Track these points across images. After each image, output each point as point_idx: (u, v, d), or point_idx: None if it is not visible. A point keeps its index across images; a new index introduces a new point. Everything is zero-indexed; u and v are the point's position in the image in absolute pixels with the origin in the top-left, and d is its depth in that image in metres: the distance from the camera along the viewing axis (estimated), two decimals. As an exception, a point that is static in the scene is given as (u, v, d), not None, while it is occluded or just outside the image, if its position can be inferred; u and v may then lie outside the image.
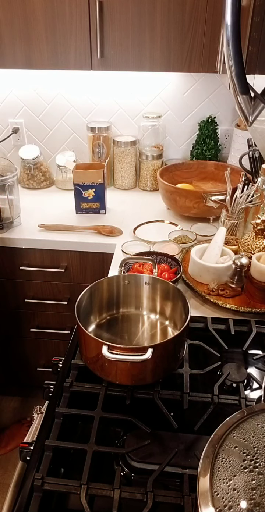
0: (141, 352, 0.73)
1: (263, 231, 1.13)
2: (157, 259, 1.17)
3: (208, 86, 1.77)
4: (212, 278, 1.12)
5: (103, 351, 0.73)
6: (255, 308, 1.05)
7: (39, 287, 1.62)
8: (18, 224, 1.55)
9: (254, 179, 1.41)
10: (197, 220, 1.49)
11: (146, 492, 0.62)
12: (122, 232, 1.50)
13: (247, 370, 0.86)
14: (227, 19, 0.59)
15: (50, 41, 1.46)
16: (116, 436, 0.76)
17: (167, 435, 0.74)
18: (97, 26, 1.40)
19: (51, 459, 0.68)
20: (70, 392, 0.80)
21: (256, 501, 0.43)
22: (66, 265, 1.54)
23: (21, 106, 1.88)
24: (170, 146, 1.92)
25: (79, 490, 0.62)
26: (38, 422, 0.92)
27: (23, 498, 0.63)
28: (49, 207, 1.71)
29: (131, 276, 0.96)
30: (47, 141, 1.96)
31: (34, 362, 1.83)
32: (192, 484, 0.64)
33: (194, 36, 1.41)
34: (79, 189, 1.57)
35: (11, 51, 1.49)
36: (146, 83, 1.79)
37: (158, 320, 0.96)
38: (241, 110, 0.68)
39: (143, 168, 1.85)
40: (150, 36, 1.42)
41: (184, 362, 0.85)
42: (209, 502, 0.43)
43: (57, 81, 1.81)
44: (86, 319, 0.90)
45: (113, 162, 1.88)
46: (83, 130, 1.89)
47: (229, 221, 1.27)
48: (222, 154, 1.89)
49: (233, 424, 0.51)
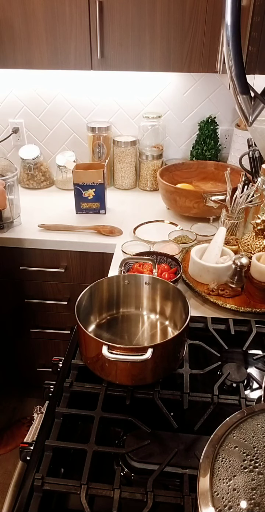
0: (141, 352, 0.73)
1: (263, 231, 1.13)
2: (157, 259, 1.17)
3: (208, 86, 1.77)
4: (212, 278, 1.12)
5: (103, 351, 0.73)
6: (255, 308, 1.05)
7: (39, 287, 1.62)
8: (18, 224, 1.55)
9: (254, 179, 1.42)
10: (197, 220, 1.49)
11: (146, 492, 0.62)
12: (122, 232, 1.50)
13: (247, 370, 0.86)
14: (227, 19, 0.59)
15: (50, 41, 1.46)
16: (116, 436, 0.76)
17: (167, 435, 0.74)
18: (97, 26, 1.40)
19: (51, 459, 0.68)
20: (70, 392, 0.80)
21: (256, 501, 0.43)
22: (66, 265, 1.54)
23: (21, 106, 1.88)
24: (170, 146, 1.92)
25: (79, 490, 0.62)
26: (38, 422, 0.92)
27: (23, 498, 0.63)
28: (49, 207, 1.71)
29: (131, 276, 0.96)
30: (47, 141, 1.96)
31: (34, 362, 1.83)
32: (192, 484, 0.64)
33: (194, 36, 1.41)
34: (79, 189, 1.57)
35: (11, 51, 1.49)
36: (146, 83, 1.79)
37: (158, 320, 0.96)
38: (241, 110, 0.69)
39: (143, 168, 1.85)
40: (150, 36, 1.42)
41: (184, 362, 0.85)
42: (209, 502, 0.43)
43: (57, 81, 1.81)
44: (86, 319, 0.90)
45: (113, 162, 1.88)
46: (83, 130, 1.89)
47: (229, 221, 1.27)
48: (222, 154, 1.89)
49: (233, 424, 0.51)
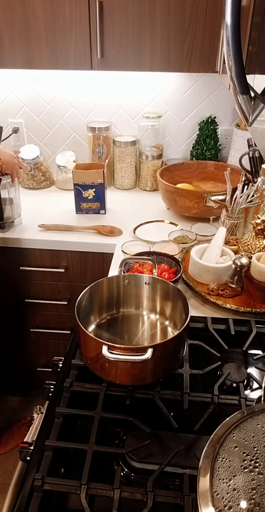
0: (141, 352, 0.73)
1: (263, 231, 1.13)
2: (157, 259, 1.17)
3: (208, 86, 1.77)
4: (212, 278, 1.12)
5: (103, 351, 0.73)
6: (255, 308, 1.05)
7: (39, 287, 1.62)
8: (19, 223, 1.55)
9: (254, 179, 1.42)
10: (197, 220, 1.49)
11: (146, 492, 0.62)
12: (122, 232, 1.50)
13: (247, 370, 0.86)
14: (227, 19, 0.59)
15: (50, 41, 1.46)
16: (116, 436, 0.76)
17: (167, 435, 0.74)
18: (97, 26, 1.40)
19: (51, 459, 0.68)
20: (70, 392, 0.80)
21: (256, 501, 0.43)
22: (66, 265, 1.54)
23: (21, 106, 1.88)
24: (170, 146, 1.92)
25: (79, 490, 0.62)
26: (38, 422, 0.92)
27: (23, 498, 0.63)
28: (49, 207, 1.71)
29: (131, 276, 0.96)
30: (47, 141, 1.96)
31: (34, 362, 1.83)
32: (192, 484, 0.64)
33: (194, 36, 1.41)
34: (79, 189, 1.57)
35: (11, 51, 1.49)
36: (146, 83, 1.79)
37: (158, 320, 0.96)
38: (241, 110, 0.68)
39: (143, 168, 1.85)
40: (150, 36, 1.42)
41: (184, 362, 0.85)
42: (209, 502, 0.43)
43: (57, 81, 1.81)
44: (86, 319, 0.90)
45: (113, 162, 1.88)
46: (83, 130, 1.89)
47: (229, 221, 1.27)
48: (222, 154, 1.89)
49: (233, 424, 0.51)
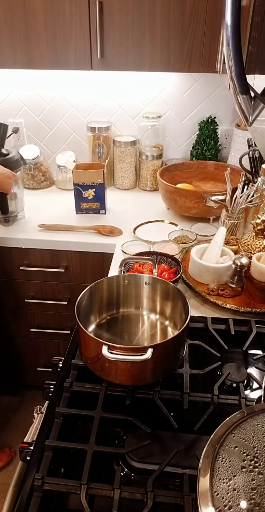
0: (141, 352, 0.73)
1: (263, 231, 1.13)
2: (157, 259, 1.17)
3: (208, 86, 1.77)
4: (212, 278, 1.12)
5: (103, 351, 0.73)
6: (255, 308, 1.05)
7: (39, 287, 1.62)
8: (22, 217, 1.58)
9: (254, 179, 1.42)
10: (197, 220, 1.49)
11: (146, 492, 0.62)
12: (122, 232, 1.50)
13: (247, 370, 0.86)
14: (227, 19, 0.59)
15: (50, 41, 1.46)
16: (116, 436, 0.76)
17: (167, 435, 0.74)
18: (97, 26, 1.40)
19: (51, 459, 0.68)
20: (70, 392, 0.80)
21: (256, 501, 0.43)
22: (66, 265, 1.54)
23: (21, 106, 1.88)
24: (170, 146, 1.92)
25: (79, 490, 0.62)
26: (38, 422, 0.92)
27: (23, 498, 0.63)
28: (49, 207, 1.71)
29: (131, 276, 0.96)
30: (47, 141, 1.96)
31: (34, 362, 1.83)
32: (192, 484, 0.64)
33: (194, 36, 1.41)
34: (79, 189, 1.57)
35: (11, 51, 1.48)
36: (146, 83, 1.79)
37: (158, 320, 0.96)
38: (241, 110, 0.68)
39: (143, 168, 1.85)
40: (150, 36, 1.42)
41: (184, 362, 0.85)
42: (209, 502, 0.43)
43: (57, 81, 1.81)
44: (86, 319, 0.90)
45: (113, 162, 1.88)
46: (83, 130, 1.89)
47: (229, 221, 1.27)
48: (222, 154, 1.89)
49: (233, 424, 0.51)
